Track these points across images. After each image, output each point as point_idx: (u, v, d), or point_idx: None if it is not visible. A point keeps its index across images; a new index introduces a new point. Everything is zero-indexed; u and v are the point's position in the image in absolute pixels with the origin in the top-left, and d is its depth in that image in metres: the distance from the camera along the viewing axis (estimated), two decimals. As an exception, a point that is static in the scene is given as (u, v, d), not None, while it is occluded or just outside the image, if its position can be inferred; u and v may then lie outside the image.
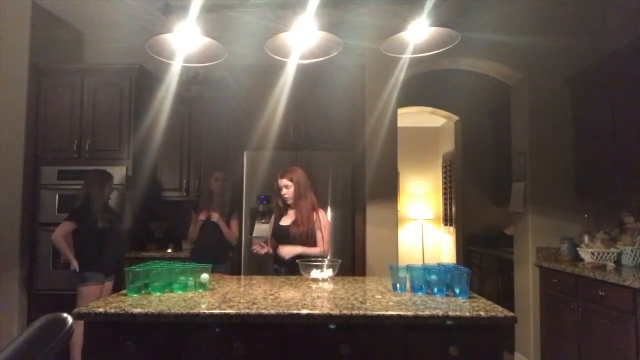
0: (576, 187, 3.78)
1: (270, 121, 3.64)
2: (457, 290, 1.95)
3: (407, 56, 2.58)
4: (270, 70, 3.56)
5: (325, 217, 2.89)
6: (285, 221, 2.84)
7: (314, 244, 2.79)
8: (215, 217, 3.51)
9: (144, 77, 4.05)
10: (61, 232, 3.27)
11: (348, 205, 3.60)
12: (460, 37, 2.38)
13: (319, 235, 2.79)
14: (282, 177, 2.83)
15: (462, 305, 1.80)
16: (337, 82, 3.69)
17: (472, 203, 5.57)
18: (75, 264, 3.28)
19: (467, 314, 1.66)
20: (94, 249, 3.32)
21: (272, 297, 1.96)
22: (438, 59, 3.85)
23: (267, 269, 2.98)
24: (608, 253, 3.28)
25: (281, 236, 2.81)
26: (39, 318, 1.17)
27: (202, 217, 3.52)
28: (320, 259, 2.60)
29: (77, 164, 3.88)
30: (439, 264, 2.21)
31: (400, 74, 3.87)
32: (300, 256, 2.64)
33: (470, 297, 1.94)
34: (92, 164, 3.79)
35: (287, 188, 2.81)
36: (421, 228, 7.05)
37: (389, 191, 3.90)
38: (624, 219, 3.41)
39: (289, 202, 2.82)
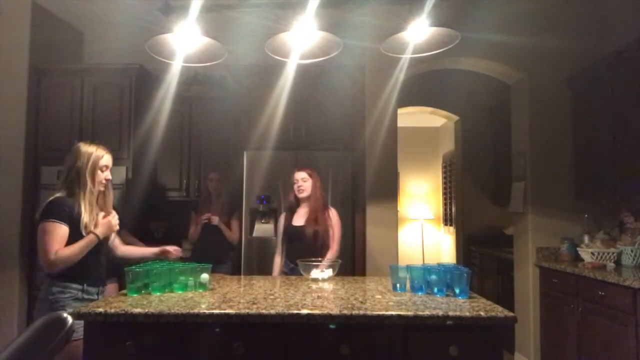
0: (576, 187, 3.77)
1: (270, 121, 3.63)
2: (457, 290, 1.95)
3: (407, 56, 2.58)
4: (270, 70, 3.55)
5: (336, 216, 2.90)
6: (298, 221, 2.84)
7: (327, 244, 2.79)
8: (215, 220, 3.54)
9: (144, 77, 4.04)
10: None
11: (348, 205, 3.59)
12: (460, 37, 2.38)
13: (330, 233, 2.80)
14: (300, 170, 2.86)
15: (462, 305, 1.80)
16: (337, 82, 3.69)
17: (472, 203, 5.57)
18: None
19: (467, 314, 1.66)
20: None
21: (272, 297, 1.96)
22: (438, 59, 3.84)
23: (267, 269, 2.97)
24: (608, 253, 3.28)
25: (296, 237, 2.80)
26: (39, 318, 1.18)
27: (202, 219, 3.53)
28: (320, 259, 2.60)
29: (77, 164, 3.86)
30: (439, 264, 2.21)
31: (400, 74, 3.86)
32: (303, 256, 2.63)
33: (470, 297, 1.94)
34: (92, 164, 3.77)
35: (304, 181, 2.82)
36: (421, 228, 7.04)
37: (389, 191, 3.90)
38: (624, 219, 3.41)
39: (303, 195, 2.82)
